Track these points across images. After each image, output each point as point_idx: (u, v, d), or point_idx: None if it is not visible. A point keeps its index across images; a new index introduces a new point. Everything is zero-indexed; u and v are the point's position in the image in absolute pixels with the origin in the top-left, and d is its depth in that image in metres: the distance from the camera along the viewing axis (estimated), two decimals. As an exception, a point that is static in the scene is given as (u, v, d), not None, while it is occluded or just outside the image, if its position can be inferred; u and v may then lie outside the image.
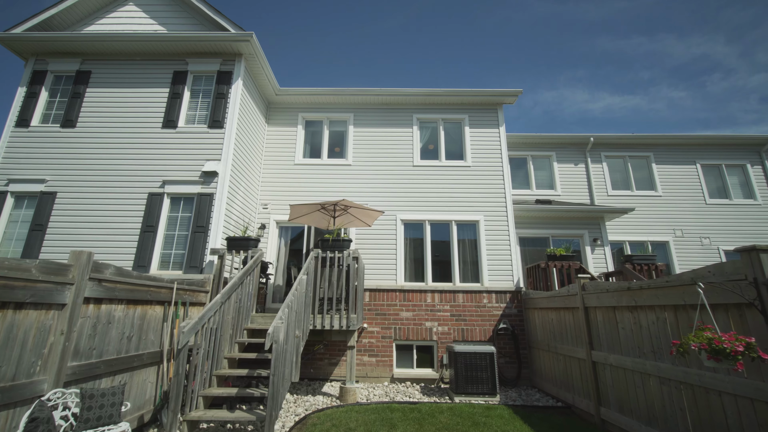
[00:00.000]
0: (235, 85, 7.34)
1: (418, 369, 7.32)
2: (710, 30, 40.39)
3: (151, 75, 7.48)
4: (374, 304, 7.56)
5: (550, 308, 6.35)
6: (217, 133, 7.06)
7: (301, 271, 5.25)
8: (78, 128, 7.11)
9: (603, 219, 9.28)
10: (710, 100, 45.58)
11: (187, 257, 6.31)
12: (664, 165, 10.81)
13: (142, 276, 4.36)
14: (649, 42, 42.68)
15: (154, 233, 6.44)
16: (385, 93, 8.79)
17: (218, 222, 6.50)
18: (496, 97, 8.86)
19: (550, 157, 10.91)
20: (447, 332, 7.40)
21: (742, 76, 42.19)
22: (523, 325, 7.42)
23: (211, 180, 6.75)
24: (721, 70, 42.74)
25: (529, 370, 7.14)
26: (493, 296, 7.60)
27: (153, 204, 6.61)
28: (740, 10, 36.89)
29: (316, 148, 9.01)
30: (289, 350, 4.40)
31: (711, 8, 38.09)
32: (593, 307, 5.11)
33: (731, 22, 38.23)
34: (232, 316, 5.04)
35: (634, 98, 48.01)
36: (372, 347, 7.34)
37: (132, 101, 7.32)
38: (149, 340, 4.50)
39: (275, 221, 8.34)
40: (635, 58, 45.27)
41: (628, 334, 4.36)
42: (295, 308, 4.69)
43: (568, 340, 5.74)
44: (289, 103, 9.13)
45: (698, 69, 43.00)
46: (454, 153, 8.88)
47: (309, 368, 7.11)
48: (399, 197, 8.39)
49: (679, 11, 38.32)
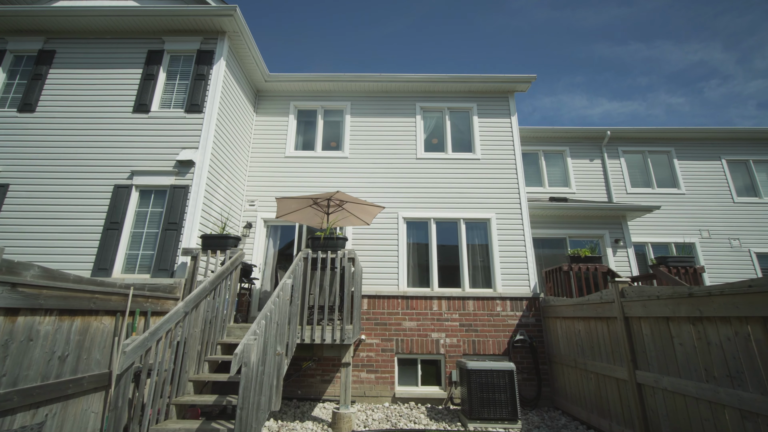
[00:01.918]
0: (217, 66, 6.52)
1: (424, 387, 6.42)
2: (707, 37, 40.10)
3: (123, 55, 6.66)
4: (373, 313, 6.68)
5: (577, 317, 5.48)
6: (194, 118, 6.22)
7: (285, 275, 4.38)
8: (38, 113, 6.27)
9: (625, 218, 8.44)
10: (708, 106, 45.19)
11: (156, 259, 5.44)
12: (686, 161, 10.00)
13: (83, 279, 3.49)
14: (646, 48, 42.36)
15: (119, 231, 5.58)
16: (385, 79, 7.99)
17: (194, 218, 5.64)
18: (508, 84, 8.06)
19: (563, 153, 10.10)
20: (456, 344, 6.51)
21: (740, 82, 41.83)
22: (542, 336, 6.54)
23: (187, 170, 5.90)
24: (718, 76, 42.39)
25: (550, 389, 6.24)
26: (507, 303, 6.72)
27: (119, 197, 5.75)
28: (737, 16, 36.60)
29: (309, 140, 8.18)
30: (268, 372, 3.52)
31: (708, 15, 37.82)
32: (637, 318, 4.25)
33: (728, 29, 37.93)
34: (201, 329, 4.16)
35: (633, 104, 47.57)
36: (371, 362, 6.44)
37: (100, 84, 6.49)
38: (93, 359, 3.61)
39: (263, 220, 7.48)
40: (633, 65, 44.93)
41: (690, 352, 3.49)
42: (276, 319, 3.82)
43: (602, 355, 4.87)
44: (280, 91, 8.32)
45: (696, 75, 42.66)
46: (461, 145, 8.05)
47: (297, 388, 6.21)
48: (401, 193, 7.55)
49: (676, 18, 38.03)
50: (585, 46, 45.09)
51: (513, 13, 41.91)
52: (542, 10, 41.71)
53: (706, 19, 39.16)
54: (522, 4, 43.20)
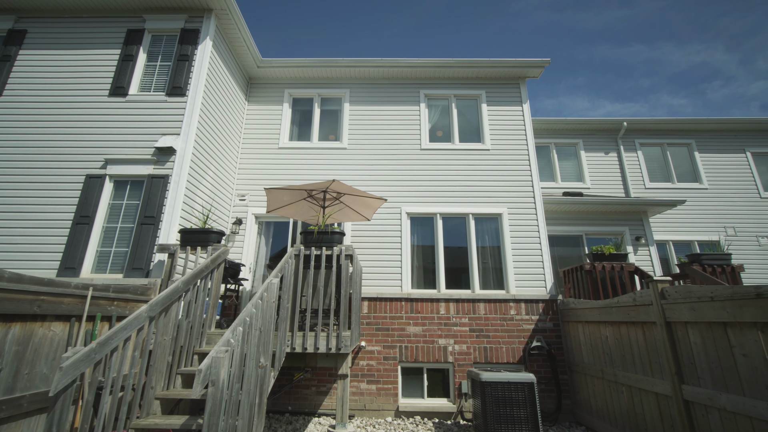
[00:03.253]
0: (203, 45, 5.94)
1: (430, 399, 5.79)
2: (709, 38, 39.63)
3: (100, 34, 6.09)
4: (374, 317, 6.06)
5: (604, 322, 4.86)
6: (177, 101, 5.64)
7: (272, 273, 3.77)
8: (4, 97, 5.70)
9: (646, 214, 7.82)
10: (711, 108, 44.60)
11: (130, 257, 4.84)
12: (708, 153, 9.38)
13: (23, 278, 2.89)
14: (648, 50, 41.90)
15: (90, 225, 4.98)
16: (387, 64, 7.40)
17: (173, 211, 5.05)
18: (519, 69, 7.46)
19: (576, 145, 9.49)
20: (466, 352, 5.88)
21: (743, 83, 41.31)
22: (561, 342, 5.91)
23: (167, 159, 5.31)
24: (721, 77, 41.87)
25: (571, 401, 5.61)
26: (522, 306, 6.10)
27: (91, 188, 5.16)
28: (738, 18, 36.13)
29: (305, 130, 7.59)
30: (247, 390, 2.91)
31: (709, 16, 37.37)
32: (682, 323, 3.63)
33: (729, 30, 37.47)
34: (172, 336, 3.55)
35: (635, 105, 46.97)
36: (371, 371, 5.82)
37: (75, 66, 5.92)
38: (37, 375, 3.01)
39: (254, 215, 6.88)
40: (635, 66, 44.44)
41: (756, 365, 2.87)
42: (258, 325, 3.22)
43: (636, 365, 4.25)
44: (274, 78, 7.74)
45: (698, 76, 42.15)
46: (469, 134, 7.45)
47: (287, 402, 5.59)
48: (404, 186, 6.94)
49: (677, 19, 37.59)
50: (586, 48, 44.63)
51: (513, 15, 41.50)
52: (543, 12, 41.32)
53: (707, 21, 38.69)
54: (522, 6, 42.80)
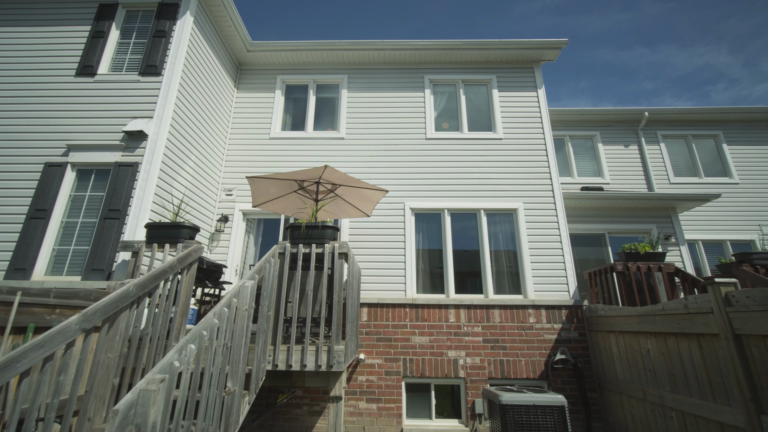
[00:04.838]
0: (182, 21, 5.31)
1: (439, 420, 5.04)
2: (712, 40, 39.08)
3: (70, 10, 5.48)
4: (375, 326, 5.34)
5: (644, 332, 4.12)
6: (151, 81, 5.00)
7: (247, 274, 3.08)
8: (-42, 77, 5.10)
9: (675, 210, 7.08)
10: (714, 109, 43.90)
11: (90, 256, 4.17)
12: (737, 146, 8.64)
13: None
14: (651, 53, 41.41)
15: (46, 220, 4.32)
16: (389, 46, 6.75)
17: (143, 204, 4.38)
18: (532, 51, 6.79)
19: (593, 138, 8.78)
20: (479, 365, 5.15)
21: (747, 85, 40.72)
22: (588, 354, 5.16)
23: (137, 145, 4.66)
24: (725, 79, 41.27)
25: (602, 423, 4.85)
26: (542, 313, 5.36)
27: (49, 178, 4.51)
28: (741, 20, 35.60)
29: (299, 119, 6.94)
30: (203, 427, 2.21)
31: (712, 19, 36.84)
32: (758, 336, 2.90)
33: (732, 33, 36.89)
34: (119, 354, 2.86)
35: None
36: (372, 388, 5.09)
37: (39, 44, 5.31)
38: (-67, 405, 2.32)
39: (242, 212, 6.21)
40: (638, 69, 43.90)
41: None
42: (224, 340, 2.52)
43: (690, 387, 3.50)
44: (265, 64, 7.11)
45: (702, 79, 41.57)
46: (479, 123, 6.77)
47: (274, 424, 4.87)
48: (408, 180, 6.26)
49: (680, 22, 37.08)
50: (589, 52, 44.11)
51: (516, 19, 41.07)
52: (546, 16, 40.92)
53: (710, 23, 38.10)
54: (525, 10, 42.39)
